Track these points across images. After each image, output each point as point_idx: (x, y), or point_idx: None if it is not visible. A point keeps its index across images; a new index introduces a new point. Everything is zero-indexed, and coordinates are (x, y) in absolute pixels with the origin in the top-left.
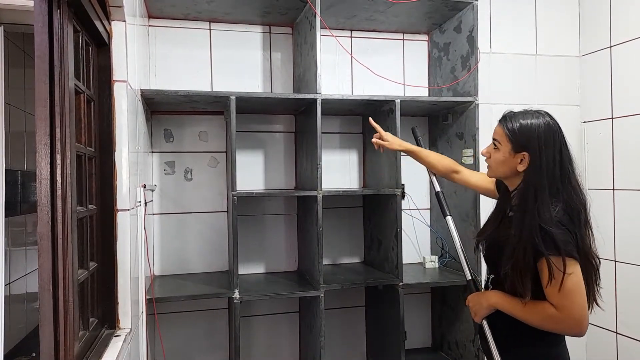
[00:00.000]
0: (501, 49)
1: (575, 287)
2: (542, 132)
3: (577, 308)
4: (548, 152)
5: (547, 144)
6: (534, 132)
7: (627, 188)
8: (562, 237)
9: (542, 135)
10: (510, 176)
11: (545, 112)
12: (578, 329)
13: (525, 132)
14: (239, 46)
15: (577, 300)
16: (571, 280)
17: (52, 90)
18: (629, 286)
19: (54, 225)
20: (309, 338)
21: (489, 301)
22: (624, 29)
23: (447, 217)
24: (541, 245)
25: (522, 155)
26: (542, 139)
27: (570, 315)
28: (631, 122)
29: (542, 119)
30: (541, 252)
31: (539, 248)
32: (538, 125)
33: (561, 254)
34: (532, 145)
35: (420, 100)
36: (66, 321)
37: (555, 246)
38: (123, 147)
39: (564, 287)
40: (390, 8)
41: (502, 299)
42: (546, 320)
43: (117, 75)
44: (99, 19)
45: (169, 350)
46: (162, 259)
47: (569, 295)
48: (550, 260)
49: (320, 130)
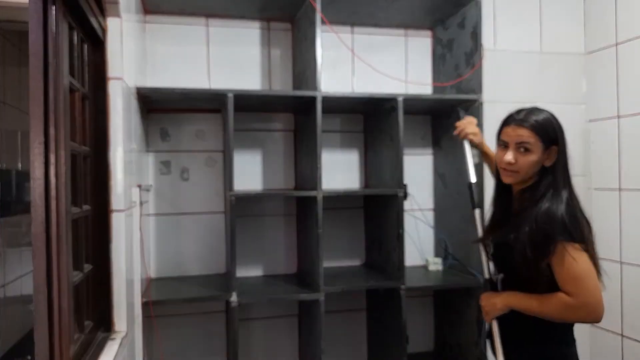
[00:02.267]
0: (505, 46)
1: (587, 273)
2: (558, 126)
3: (592, 293)
4: (566, 144)
5: (564, 137)
6: (553, 124)
7: (634, 188)
8: (576, 224)
9: (559, 128)
10: (533, 176)
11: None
12: (595, 314)
13: (549, 126)
14: (237, 42)
15: (590, 284)
16: (582, 265)
17: (47, 88)
18: (635, 287)
19: (48, 226)
20: (309, 342)
21: (504, 301)
22: (630, 26)
23: (476, 210)
24: (554, 231)
25: (551, 150)
26: (561, 132)
27: (586, 301)
28: (638, 121)
29: (548, 113)
30: (554, 237)
31: (550, 233)
32: (552, 117)
33: (573, 241)
34: (560, 136)
35: (424, 98)
36: (61, 324)
37: (567, 232)
38: (118, 146)
39: (577, 273)
40: (393, 4)
41: (516, 298)
42: (564, 310)
43: (112, 72)
44: (94, 16)
45: (166, 353)
46: (159, 261)
47: (583, 280)
48: (561, 247)
49: (321, 128)
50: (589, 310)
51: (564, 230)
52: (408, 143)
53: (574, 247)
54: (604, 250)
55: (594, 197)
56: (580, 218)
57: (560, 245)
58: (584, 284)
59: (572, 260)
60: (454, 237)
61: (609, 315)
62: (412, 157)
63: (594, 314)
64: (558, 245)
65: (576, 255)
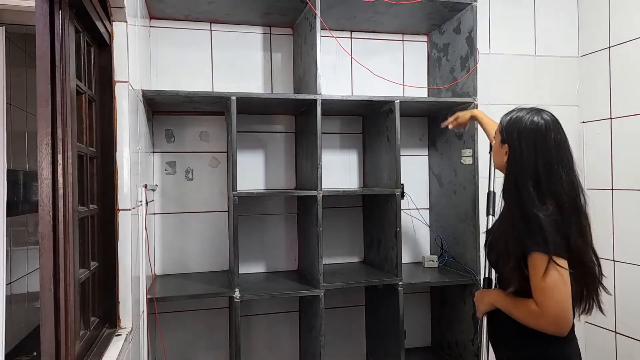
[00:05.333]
0: (500, 50)
1: (556, 284)
2: (523, 127)
3: (553, 305)
4: (528, 147)
5: (528, 140)
6: (515, 126)
7: (626, 188)
8: (550, 234)
9: (523, 130)
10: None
11: (544, 111)
12: (555, 326)
13: (509, 125)
14: (239, 47)
15: (555, 296)
16: (552, 277)
17: (54, 90)
18: (628, 286)
19: (55, 225)
20: (309, 337)
21: (489, 298)
22: (622, 30)
23: (489, 217)
24: (528, 239)
25: (506, 147)
26: (523, 134)
27: (548, 312)
28: (630, 122)
29: (534, 116)
30: (528, 248)
31: (525, 242)
32: (522, 120)
33: (546, 252)
34: (511, 138)
35: (420, 100)
36: (67, 320)
37: (540, 242)
38: (124, 147)
39: (544, 284)
40: (390, 9)
41: (498, 296)
42: (527, 316)
43: (118, 75)
44: (100, 20)
45: (170, 349)
46: (163, 259)
47: (548, 291)
48: (535, 257)
49: (321, 130)
50: (549, 322)
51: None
52: (405, 144)
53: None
54: (597, 249)
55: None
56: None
57: (531, 256)
58: (547, 295)
59: (540, 271)
60: (449, 235)
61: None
62: (409, 157)
63: (553, 327)
64: (530, 256)
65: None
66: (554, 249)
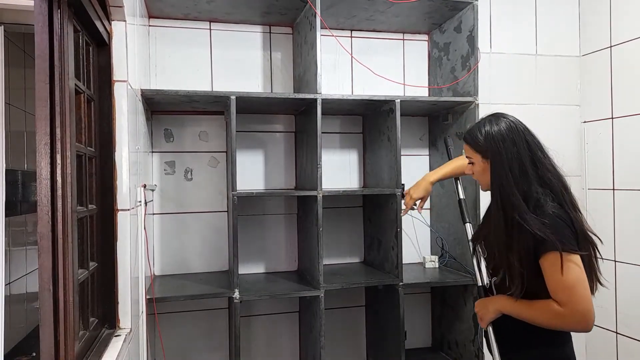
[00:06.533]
0: (501, 49)
1: (577, 281)
2: (497, 132)
3: (580, 302)
4: (509, 149)
5: (504, 141)
6: (491, 136)
7: (627, 188)
8: (562, 231)
9: (497, 134)
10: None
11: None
12: (585, 323)
13: (483, 138)
14: (239, 46)
15: (580, 293)
16: (572, 274)
17: (53, 90)
18: (629, 286)
19: (54, 225)
20: (309, 338)
21: (495, 306)
22: (623, 29)
23: (467, 224)
24: (541, 242)
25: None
26: (497, 138)
27: (575, 310)
28: (631, 122)
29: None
30: (542, 249)
31: (538, 245)
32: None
33: (562, 250)
34: (491, 146)
35: (421, 100)
36: (66, 321)
37: (555, 242)
38: (123, 147)
39: (566, 282)
40: (390, 8)
41: (508, 303)
42: (553, 318)
43: (117, 75)
44: (99, 19)
45: (169, 350)
46: (162, 259)
47: (572, 289)
48: (550, 257)
49: (321, 130)
50: (578, 319)
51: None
52: (405, 144)
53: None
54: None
55: (589, 197)
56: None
57: (546, 258)
58: (572, 293)
59: (559, 271)
60: (450, 236)
61: (604, 313)
62: (410, 157)
63: (583, 323)
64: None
65: (566, 264)
66: (567, 244)
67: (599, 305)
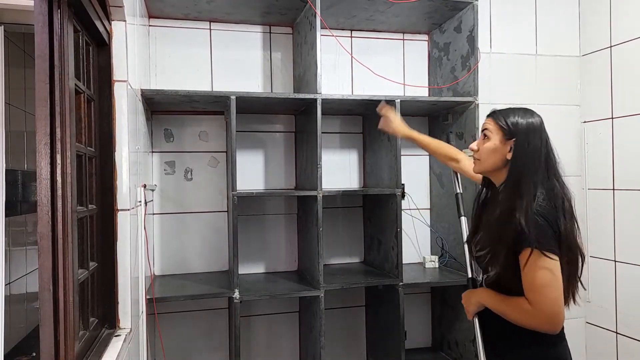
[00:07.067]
0: (501, 49)
1: (549, 282)
2: (526, 122)
3: (549, 303)
4: (535, 140)
5: (535, 133)
6: (521, 122)
7: (627, 188)
8: (542, 230)
9: (528, 124)
10: (498, 168)
11: (531, 110)
12: (549, 325)
13: (513, 120)
14: (239, 46)
15: (550, 295)
16: (545, 274)
17: (53, 90)
18: (629, 286)
19: (54, 225)
20: (309, 338)
21: (476, 298)
22: (624, 29)
23: (462, 218)
24: (520, 237)
25: (511, 143)
26: (531, 128)
27: (542, 310)
28: (631, 122)
29: (532, 114)
30: (520, 245)
31: (518, 240)
32: (528, 119)
33: (538, 248)
34: (520, 131)
35: (421, 100)
36: (66, 321)
37: (533, 239)
38: (123, 147)
39: (537, 282)
40: (390, 8)
41: (488, 296)
42: (521, 315)
43: (117, 75)
44: (99, 19)
45: (169, 350)
46: (162, 259)
47: (542, 289)
48: (527, 254)
49: (321, 130)
50: (544, 320)
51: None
52: (405, 144)
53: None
54: (597, 249)
55: (588, 197)
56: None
57: (523, 254)
58: (542, 293)
59: (534, 269)
60: (450, 236)
61: (604, 313)
62: (410, 157)
63: (548, 325)
64: (522, 254)
65: (542, 264)
66: (544, 244)
67: (599, 305)
